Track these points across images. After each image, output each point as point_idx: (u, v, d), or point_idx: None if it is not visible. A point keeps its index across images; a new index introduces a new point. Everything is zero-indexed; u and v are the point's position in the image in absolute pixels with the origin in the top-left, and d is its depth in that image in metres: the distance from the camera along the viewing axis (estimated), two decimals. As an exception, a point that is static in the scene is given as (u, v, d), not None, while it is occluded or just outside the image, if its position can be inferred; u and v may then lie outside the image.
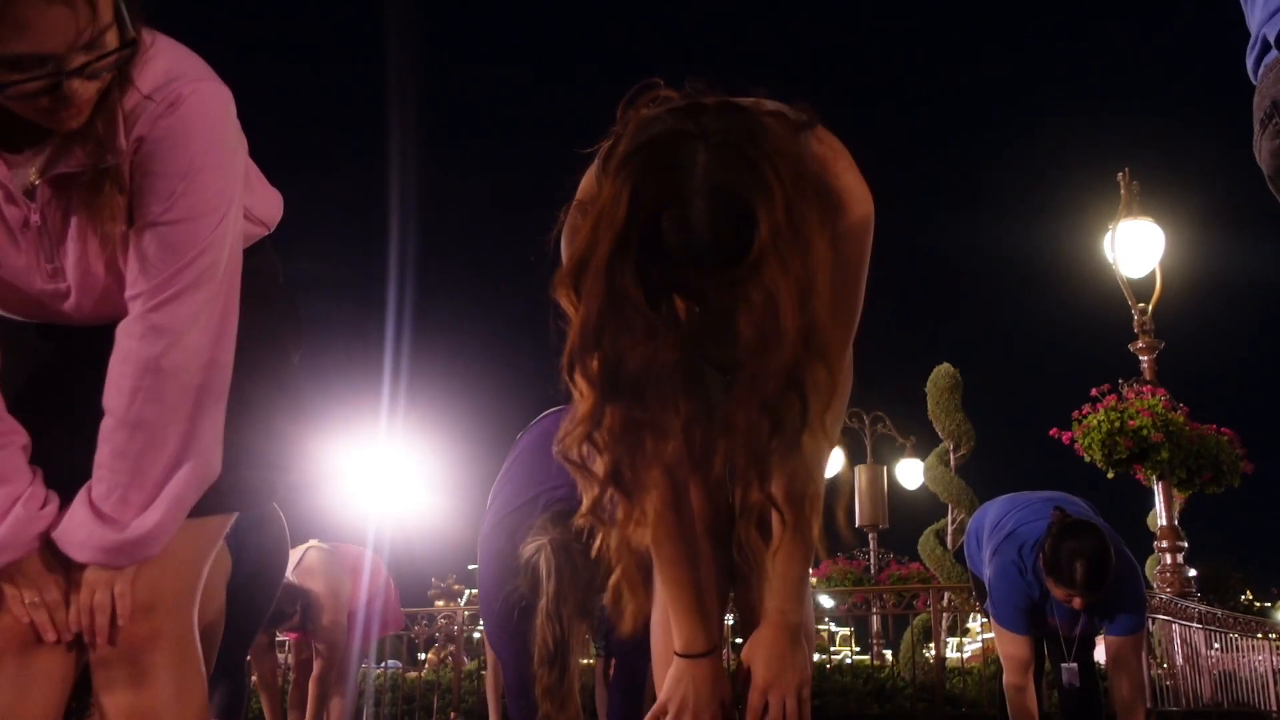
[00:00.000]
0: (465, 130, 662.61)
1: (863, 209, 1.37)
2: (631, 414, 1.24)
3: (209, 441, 1.33)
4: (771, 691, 1.47)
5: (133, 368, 1.28)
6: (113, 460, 1.29)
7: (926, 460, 13.40)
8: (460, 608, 10.70)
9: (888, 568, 14.01)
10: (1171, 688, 8.09)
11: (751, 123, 1.17)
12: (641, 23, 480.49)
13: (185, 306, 1.28)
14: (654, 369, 1.21)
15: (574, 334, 1.21)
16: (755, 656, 1.50)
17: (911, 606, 9.72)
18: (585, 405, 1.24)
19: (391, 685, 8.65)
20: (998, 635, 3.43)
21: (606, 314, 1.17)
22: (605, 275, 1.15)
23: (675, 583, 1.50)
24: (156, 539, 1.30)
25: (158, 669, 1.35)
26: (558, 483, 2.37)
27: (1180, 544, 9.37)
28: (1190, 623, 8.32)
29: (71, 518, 1.30)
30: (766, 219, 1.12)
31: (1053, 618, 3.26)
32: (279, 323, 1.52)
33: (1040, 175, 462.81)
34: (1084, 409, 9.13)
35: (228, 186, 1.31)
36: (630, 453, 1.27)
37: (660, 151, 1.15)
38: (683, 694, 1.51)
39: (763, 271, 1.13)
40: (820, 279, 1.17)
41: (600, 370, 1.21)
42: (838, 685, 7.70)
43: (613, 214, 1.14)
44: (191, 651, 1.40)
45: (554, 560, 2.31)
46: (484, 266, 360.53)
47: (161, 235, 1.26)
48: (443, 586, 17.59)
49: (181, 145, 1.25)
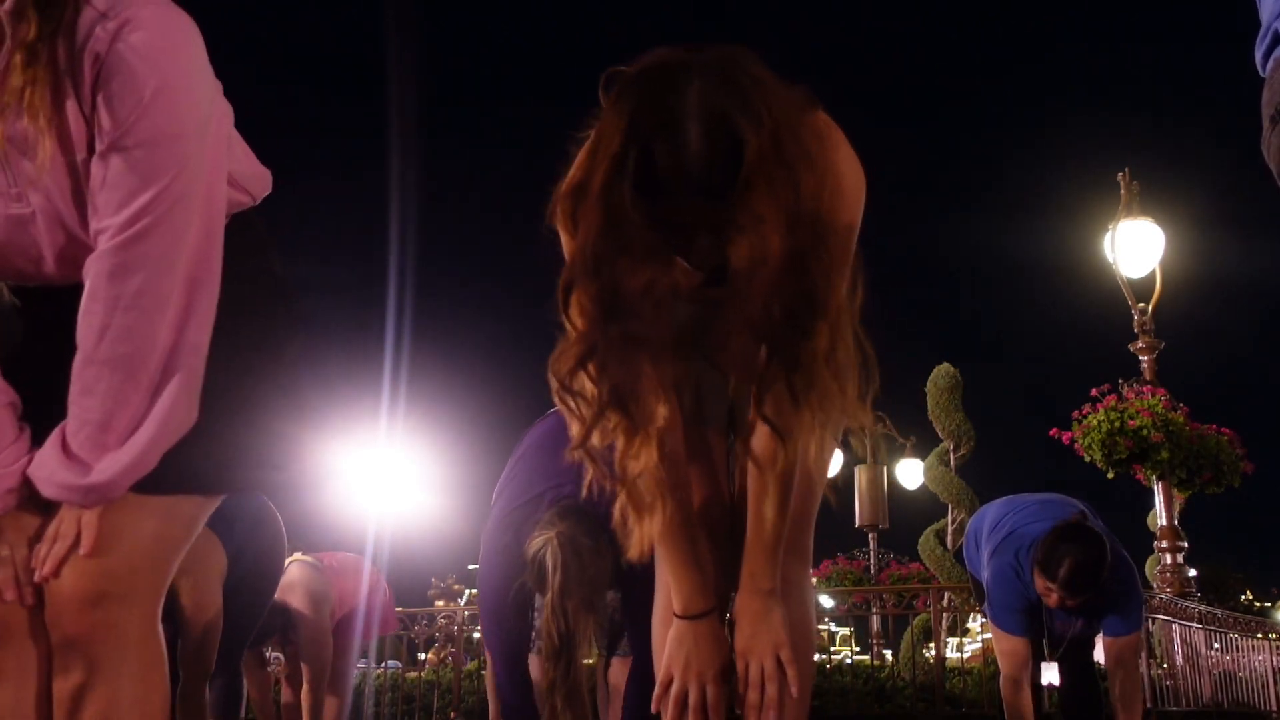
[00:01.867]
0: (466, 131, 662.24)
1: (855, 179, 1.40)
2: (631, 335, 1.24)
3: (183, 385, 1.27)
4: (750, 656, 1.50)
5: (101, 304, 1.23)
6: (80, 398, 1.25)
7: (926, 460, 13.40)
8: (460, 608, 10.68)
9: (888, 568, 14.01)
10: (1171, 688, 8.08)
11: (744, 58, 1.21)
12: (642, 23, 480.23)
13: (157, 241, 1.23)
14: (653, 290, 1.22)
15: (572, 258, 1.23)
16: (735, 622, 1.53)
17: (911, 606, 9.71)
18: (582, 327, 1.26)
19: (391, 685, 8.65)
20: (994, 635, 3.45)
21: (605, 236, 1.19)
22: (603, 196, 1.17)
23: (672, 544, 1.51)
24: (119, 484, 1.26)
25: (110, 662, 1.31)
26: (563, 480, 2.37)
27: (1180, 544, 9.37)
28: (1190, 623, 8.32)
29: (43, 453, 1.27)
30: (755, 143, 1.15)
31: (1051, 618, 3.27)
32: (266, 301, 1.47)
33: (1040, 175, 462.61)
34: (1084, 409, 9.13)
35: (191, 112, 1.25)
36: (629, 375, 1.27)
37: (655, 80, 1.18)
38: (685, 655, 1.52)
39: (750, 196, 1.16)
40: (808, 209, 1.19)
41: (597, 292, 1.22)
42: (838, 685, 7.70)
43: (610, 140, 1.17)
44: (151, 646, 1.35)
45: (560, 554, 2.30)
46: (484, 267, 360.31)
47: (123, 162, 1.21)
48: (443, 586, 17.59)
49: (138, 65, 1.20)
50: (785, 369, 1.27)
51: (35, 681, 1.34)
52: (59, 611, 1.30)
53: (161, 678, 1.37)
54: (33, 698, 1.34)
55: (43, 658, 1.34)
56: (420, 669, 10.20)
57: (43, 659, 1.34)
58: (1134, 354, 9.93)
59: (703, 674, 1.51)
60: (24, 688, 1.34)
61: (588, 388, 1.29)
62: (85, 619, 1.30)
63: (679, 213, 1.20)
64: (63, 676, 1.32)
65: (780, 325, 1.24)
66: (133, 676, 1.33)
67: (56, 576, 1.28)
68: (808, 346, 1.25)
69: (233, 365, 1.37)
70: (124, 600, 1.32)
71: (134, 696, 1.33)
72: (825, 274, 1.23)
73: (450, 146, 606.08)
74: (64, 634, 1.30)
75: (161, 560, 1.37)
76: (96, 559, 1.29)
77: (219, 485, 1.42)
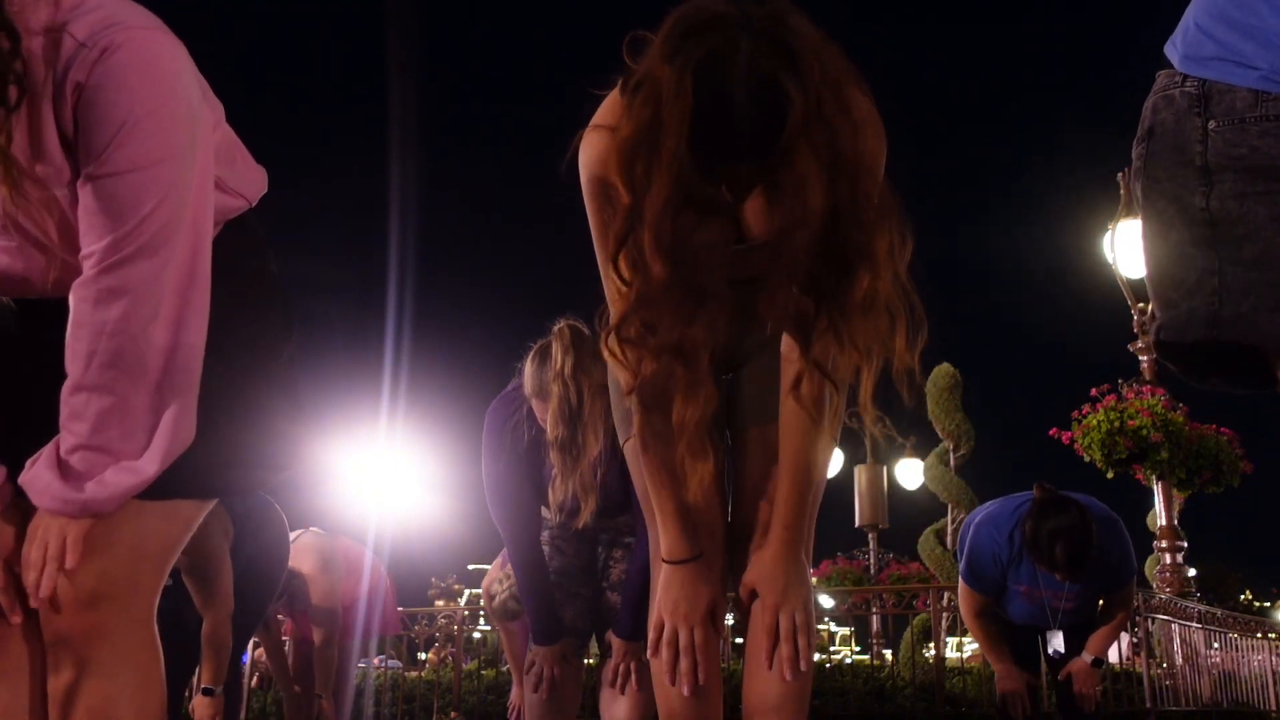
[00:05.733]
0: (466, 131, 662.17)
1: (878, 128, 1.44)
2: (692, 286, 1.32)
3: (178, 408, 1.27)
4: (782, 610, 1.51)
5: (87, 331, 1.23)
6: (70, 422, 1.26)
7: (926, 460, 13.39)
8: (460, 608, 10.69)
9: (888, 568, 14.02)
10: (1171, 688, 8.08)
11: (792, 15, 1.24)
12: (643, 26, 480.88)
13: (141, 268, 1.23)
14: (714, 244, 1.32)
15: (630, 209, 1.28)
16: (761, 577, 1.54)
17: (911, 606, 9.70)
18: (632, 279, 1.32)
19: (391, 685, 8.66)
20: (961, 595, 3.50)
21: (673, 189, 1.23)
22: (672, 151, 1.21)
23: (661, 488, 1.53)
24: (112, 501, 1.27)
25: (106, 662, 1.31)
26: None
27: (1180, 544, 9.38)
28: (1190, 623, 8.32)
29: (37, 464, 1.27)
30: (800, 104, 1.19)
31: (1039, 589, 3.29)
32: (262, 301, 1.47)
33: (1040, 175, 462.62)
34: (1084, 409, 9.14)
35: (173, 137, 1.24)
36: (687, 326, 1.34)
37: (707, 38, 1.20)
38: (674, 599, 1.54)
39: (794, 155, 1.21)
40: (848, 165, 1.25)
41: (663, 243, 1.27)
42: (838, 685, 7.70)
43: (674, 97, 1.19)
44: (147, 646, 1.35)
45: (568, 334, 2.33)
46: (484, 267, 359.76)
47: (106, 189, 1.21)
48: (443, 586, 17.61)
49: (117, 92, 1.19)
50: (830, 317, 1.35)
51: (32, 682, 1.34)
52: (54, 612, 1.30)
53: (158, 677, 1.37)
54: (29, 698, 1.34)
55: (39, 658, 1.34)
56: (420, 669, 10.20)
57: (39, 660, 1.34)
58: (1134, 354, 9.94)
59: (690, 617, 1.53)
60: (20, 688, 1.34)
61: (639, 339, 1.35)
62: (81, 619, 1.30)
63: (725, 172, 1.27)
64: (56, 675, 1.32)
65: (823, 276, 1.32)
66: (129, 676, 1.33)
67: (49, 599, 1.29)
68: (850, 295, 1.32)
69: (230, 366, 1.37)
70: (120, 601, 1.32)
71: (131, 696, 1.33)
72: (863, 226, 1.30)
73: (450, 147, 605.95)
74: (58, 633, 1.30)
75: (158, 561, 1.37)
76: (92, 560, 1.29)
77: (218, 488, 1.43)
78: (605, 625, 2.56)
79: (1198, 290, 0.97)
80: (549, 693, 2.48)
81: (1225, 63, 0.98)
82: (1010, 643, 3.49)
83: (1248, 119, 0.95)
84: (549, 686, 2.47)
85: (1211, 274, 0.96)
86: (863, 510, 14.89)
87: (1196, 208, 0.98)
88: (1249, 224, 0.94)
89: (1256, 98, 0.95)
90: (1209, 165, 0.97)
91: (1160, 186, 1.02)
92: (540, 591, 2.49)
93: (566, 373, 2.30)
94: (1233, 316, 0.95)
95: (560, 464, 2.35)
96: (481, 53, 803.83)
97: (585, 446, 2.32)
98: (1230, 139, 0.96)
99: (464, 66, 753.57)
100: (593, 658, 3.50)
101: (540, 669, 2.49)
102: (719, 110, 1.19)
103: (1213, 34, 0.99)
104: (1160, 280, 1.03)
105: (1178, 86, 1.02)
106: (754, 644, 1.53)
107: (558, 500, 2.41)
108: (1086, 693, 3.39)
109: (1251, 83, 0.95)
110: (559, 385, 2.30)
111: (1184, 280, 0.99)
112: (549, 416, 2.33)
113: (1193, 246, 0.98)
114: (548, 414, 2.34)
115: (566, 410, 2.30)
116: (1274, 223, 0.93)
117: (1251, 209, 0.94)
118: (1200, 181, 0.98)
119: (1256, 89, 0.95)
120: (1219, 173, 0.96)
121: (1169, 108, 1.02)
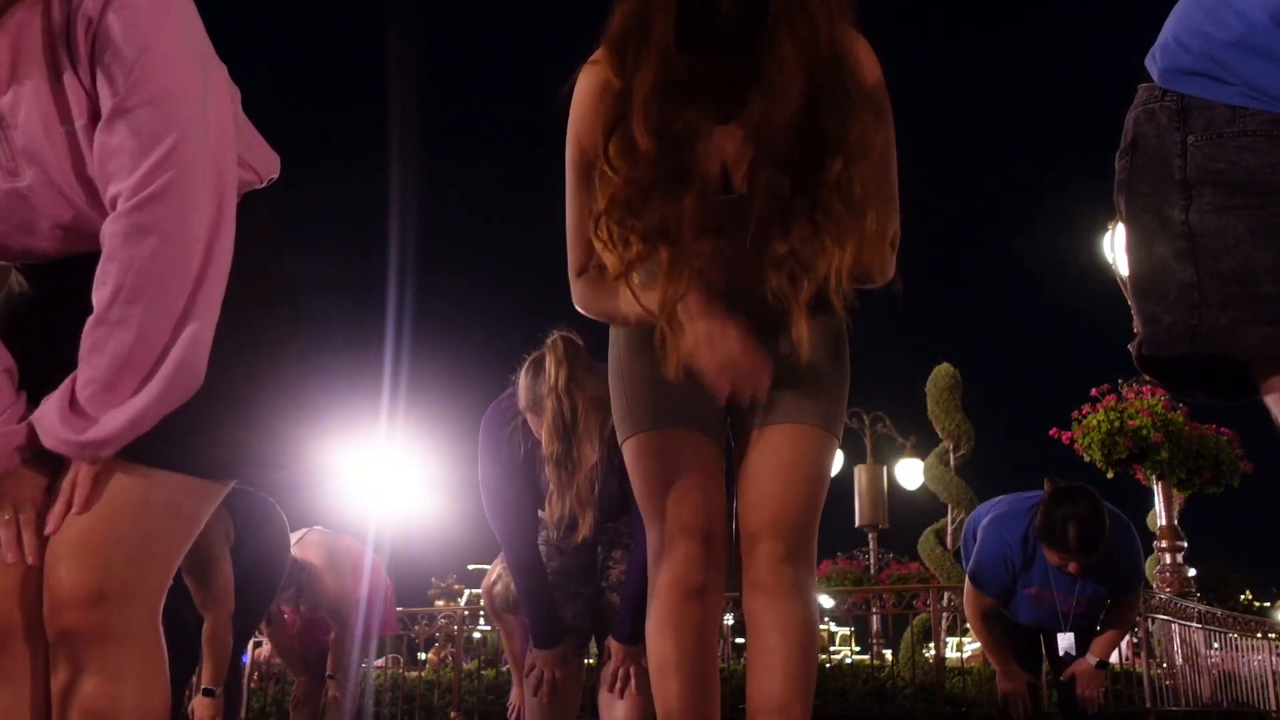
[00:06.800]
0: (466, 131, 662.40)
1: (877, 70, 1.46)
2: (681, 170, 1.37)
3: (191, 349, 1.28)
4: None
5: (117, 265, 1.24)
6: (89, 356, 1.26)
7: (926, 460, 13.39)
8: (460, 608, 10.69)
9: (888, 568, 14.01)
10: (1171, 687, 8.08)
11: None
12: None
13: (171, 204, 1.24)
14: (700, 128, 1.37)
15: (619, 97, 1.35)
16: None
17: (911, 606, 9.71)
18: (623, 167, 1.37)
19: (391, 685, 8.66)
20: (966, 596, 3.49)
21: (661, 76, 1.30)
22: (659, 41, 1.28)
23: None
24: (114, 443, 1.27)
25: (109, 661, 1.30)
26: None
27: (1180, 544, 9.38)
28: (1190, 623, 8.32)
29: (48, 404, 1.28)
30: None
31: (1050, 590, 3.28)
32: (273, 295, 1.47)
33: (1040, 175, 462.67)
34: (1084, 409, 9.15)
35: (184, 73, 1.26)
36: (675, 209, 1.39)
37: None
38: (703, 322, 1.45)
39: (775, 45, 1.28)
40: (826, 54, 1.31)
41: (653, 127, 1.33)
42: (838, 685, 7.71)
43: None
44: (152, 645, 1.35)
45: (562, 347, 2.32)
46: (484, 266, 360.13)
47: (126, 125, 1.23)
48: (443, 586, 17.62)
49: (127, 29, 1.21)
50: (806, 201, 1.39)
51: (35, 683, 1.34)
52: (57, 609, 1.30)
53: (163, 678, 1.37)
54: (32, 699, 1.34)
55: (42, 659, 1.34)
56: (420, 669, 10.20)
57: (42, 660, 1.34)
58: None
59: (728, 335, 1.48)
60: (23, 689, 1.34)
61: (628, 223, 1.40)
62: (84, 618, 1.29)
63: (711, 64, 1.33)
64: (59, 676, 1.32)
65: (799, 160, 1.37)
66: (133, 676, 1.33)
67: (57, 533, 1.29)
68: (826, 180, 1.37)
69: (240, 354, 1.37)
70: (124, 600, 1.31)
71: (134, 696, 1.32)
72: (841, 114, 1.35)
73: (450, 147, 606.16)
74: (61, 632, 1.30)
75: (163, 561, 1.37)
76: (96, 559, 1.29)
77: (225, 469, 1.41)
78: (605, 625, 2.55)
79: (1178, 304, 0.98)
80: (549, 696, 2.48)
81: (1203, 78, 0.98)
82: (1012, 643, 3.48)
83: (1225, 134, 0.96)
84: (549, 690, 2.47)
85: (1191, 288, 0.97)
86: (863, 510, 14.89)
87: (1176, 221, 0.98)
88: (1227, 238, 0.95)
89: (1234, 113, 0.96)
90: (1188, 179, 0.98)
91: (1143, 200, 1.03)
92: (539, 595, 2.48)
93: (560, 387, 2.29)
94: (1212, 330, 0.95)
95: (556, 480, 2.34)
96: (481, 53, 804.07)
97: (581, 460, 2.31)
98: (1209, 153, 0.97)
99: (464, 66, 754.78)
100: (592, 658, 3.50)
101: (540, 672, 2.49)
102: (703, 5, 1.26)
103: (1190, 48, 1.00)
104: (1142, 294, 1.03)
105: (1158, 101, 1.02)
106: (756, 644, 1.53)
107: (555, 516, 2.40)
108: (1090, 695, 3.39)
109: (1229, 98, 0.96)
110: (553, 400, 2.29)
111: (1165, 294, 0.99)
112: (544, 432, 2.32)
113: (1173, 260, 0.99)
114: (542, 429, 2.33)
115: (561, 425, 2.29)
116: (1252, 236, 0.94)
117: (1230, 223, 0.95)
118: (1180, 195, 0.98)
119: (1233, 104, 0.96)
120: (1198, 187, 0.97)
121: (1150, 121, 1.03)
